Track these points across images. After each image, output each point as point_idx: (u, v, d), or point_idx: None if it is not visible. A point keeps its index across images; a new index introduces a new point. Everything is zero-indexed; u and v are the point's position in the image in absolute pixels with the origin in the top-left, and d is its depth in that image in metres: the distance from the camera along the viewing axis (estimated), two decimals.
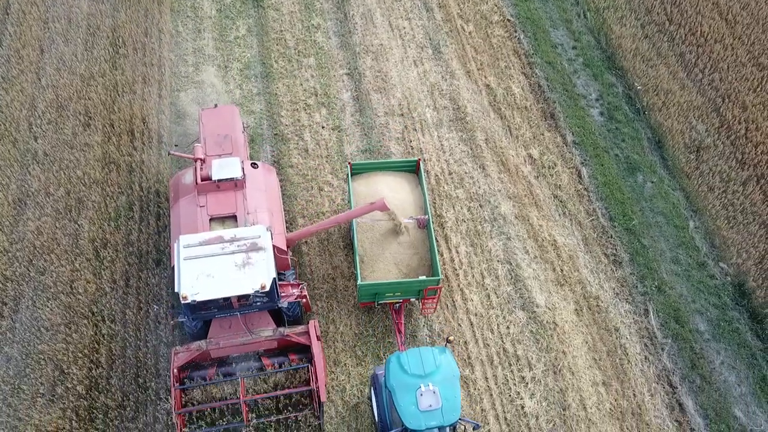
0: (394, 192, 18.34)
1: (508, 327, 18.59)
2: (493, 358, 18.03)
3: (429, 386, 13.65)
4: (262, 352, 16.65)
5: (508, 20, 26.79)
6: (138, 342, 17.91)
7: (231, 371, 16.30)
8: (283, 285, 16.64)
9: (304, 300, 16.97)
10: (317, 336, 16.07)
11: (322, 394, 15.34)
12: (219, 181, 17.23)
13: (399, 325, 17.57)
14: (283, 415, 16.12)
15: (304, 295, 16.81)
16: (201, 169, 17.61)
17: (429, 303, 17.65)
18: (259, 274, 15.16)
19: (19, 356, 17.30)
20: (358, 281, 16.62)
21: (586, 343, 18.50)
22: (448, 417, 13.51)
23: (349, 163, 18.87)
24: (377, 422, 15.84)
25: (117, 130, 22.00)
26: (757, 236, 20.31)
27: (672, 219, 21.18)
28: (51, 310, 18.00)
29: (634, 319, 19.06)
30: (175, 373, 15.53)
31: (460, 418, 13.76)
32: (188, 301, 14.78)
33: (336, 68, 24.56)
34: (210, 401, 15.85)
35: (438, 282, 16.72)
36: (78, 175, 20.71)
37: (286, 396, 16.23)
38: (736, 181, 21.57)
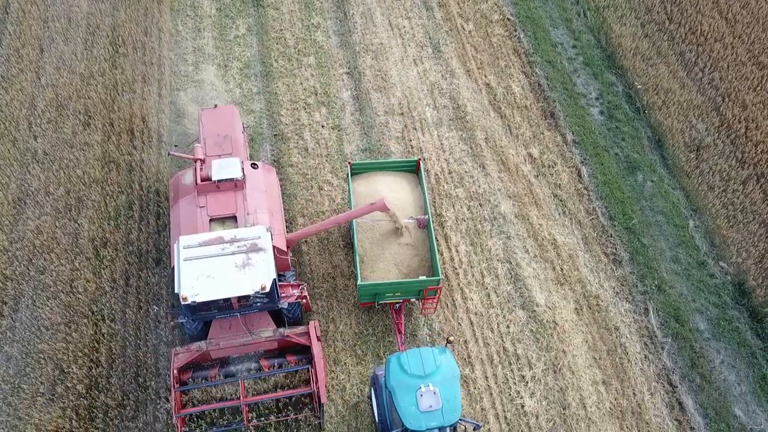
0: (394, 192, 18.32)
1: (508, 326, 18.59)
2: (493, 357, 18.04)
3: (429, 387, 13.65)
4: (262, 353, 16.66)
5: (508, 19, 26.78)
6: (138, 341, 17.92)
7: (231, 372, 16.29)
8: (283, 286, 16.63)
9: (305, 301, 16.97)
10: (317, 336, 16.06)
11: (322, 394, 15.33)
12: (219, 181, 17.22)
13: (399, 325, 17.58)
14: (283, 414, 16.11)
15: (304, 296, 16.80)
16: (201, 170, 17.59)
17: (429, 303, 17.65)
18: (260, 275, 15.15)
19: (19, 355, 17.31)
20: (359, 281, 16.60)
21: (586, 342, 18.51)
22: (449, 417, 13.52)
23: (349, 163, 18.86)
24: (377, 423, 15.83)
25: (117, 129, 21.99)
26: (757, 235, 20.31)
27: (672, 218, 21.18)
28: (51, 309, 18.00)
29: (634, 318, 19.06)
30: (175, 374, 15.51)
31: (460, 419, 13.77)
32: (188, 302, 14.77)
33: (336, 67, 24.55)
34: (210, 402, 15.85)
35: (438, 282, 16.71)
36: (78, 174, 20.70)
37: (286, 396, 16.25)
38: (736, 180, 21.57)
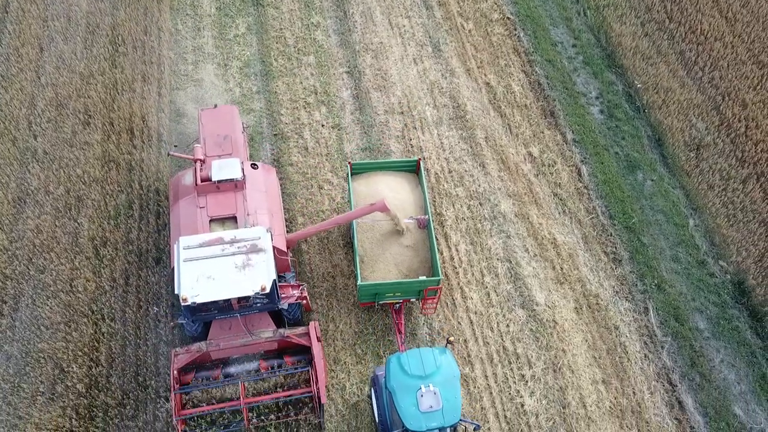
0: (394, 192, 18.30)
1: (507, 325, 18.59)
2: (493, 356, 18.04)
3: (429, 387, 13.64)
4: (262, 354, 16.65)
5: (508, 18, 26.77)
6: (138, 340, 17.92)
7: (232, 372, 16.27)
8: (283, 286, 16.60)
9: (305, 301, 16.94)
10: (317, 337, 16.03)
11: (322, 395, 15.30)
12: (219, 181, 17.17)
13: (399, 326, 17.55)
14: (283, 413, 16.12)
15: (304, 297, 16.77)
16: (201, 170, 17.55)
17: (429, 303, 17.62)
18: (260, 276, 15.11)
19: (18, 354, 17.31)
20: (359, 281, 16.57)
21: (586, 341, 18.51)
22: (449, 418, 13.51)
23: (350, 163, 18.82)
24: (377, 423, 15.81)
25: (116, 129, 21.98)
26: (756, 234, 20.31)
27: (672, 217, 21.18)
28: (51, 308, 18.00)
29: (633, 317, 19.06)
30: (175, 375, 15.48)
31: (460, 419, 13.76)
32: (188, 303, 14.73)
33: (336, 66, 24.54)
34: (210, 402, 15.84)
35: (438, 282, 16.69)
36: (77, 174, 20.69)
37: (286, 397, 16.24)
38: (735, 179, 21.57)
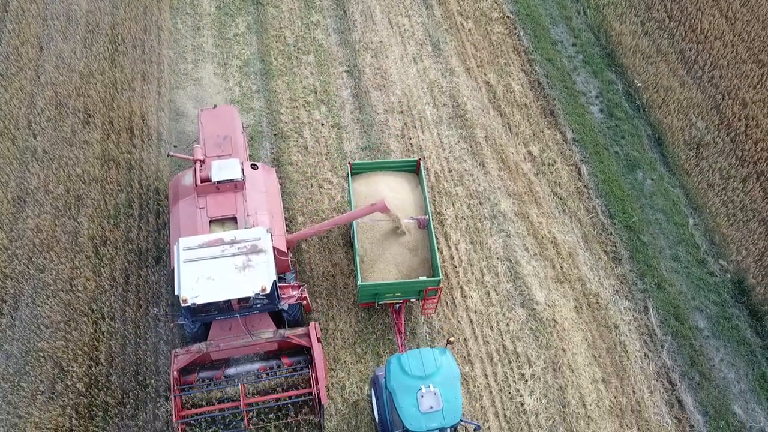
0: (394, 192, 18.28)
1: (507, 324, 18.59)
2: (493, 355, 18.04)
3: (430, 387, 13.63)
4: (263, 354, 16.63)
5: (508, 17, 26.76)
6: (138, 339, 17.92)
7: (233, 373, 16.25)
8: (283, 287, 16.56)
9: (305, 302, 16.90)
10: (318, 338, 16.00)
11: (322, 396, 15.28)
12: (219, 182, 17.12)
13: (399, 326, 17.51)
14: (283, 413, 16.12)
15: (304, 297, 16.71)
16: (200, 171, 17.51)
17: (429, 303, 17.60)
18: (260, 277, 15.07)
19: (18, 354, 17.30)
20: (359, 282, 16.53)
21: (586, 340, 18.51)
22: (449, 418, 13.49)
23: (350, 163, 18.80)
24: (377, 423, 15.78)
25: (116, 128, 21.97)
26: (756, 233, 20.31)
27: (672, 216, 21.18)
28: (51, 307, 17.99)
29: (633, 316, 19.07)
30: (175, 376, 15.45)
31: (461, 420, 13.75)
32: (188, 304, 14.69)
33: (335, 65, 24.52)
34: (210, 402, 15.84)
35: (438, 282, 16.65)
36: (77, 173, 20.68)
37: (286, 397, 16.24)
38: (735, 178, 21.56)
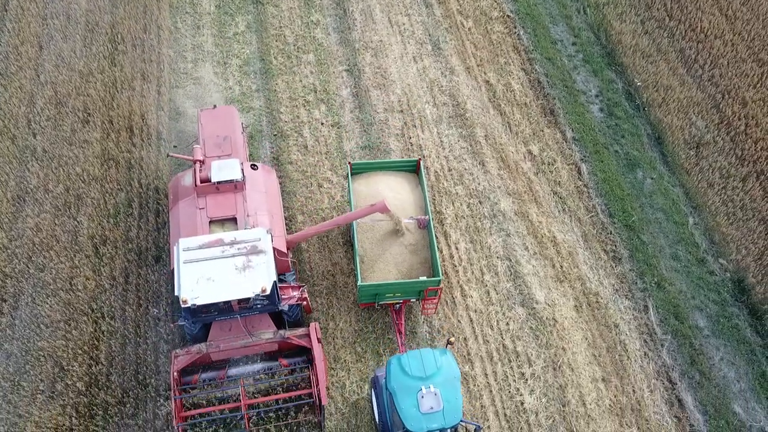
0: (394, 192, 18.26)
1: (507, 323, 18.59)
2: (493, 354, 18.04)
3: (430, 388, 13.61)
4: (263, 355, 16.62)
5: (508, 16, 26.75)
6: (138, 339, 17.91)
7: (233, 373, 16.26)
8: (283, 287, 16.52)
9: (305, 303, 16.87)
10: (318, 338, 15.99)
11: (323, 396, 15.27)
12: (218, 183, 17.09)
13: (399, 326, 17.47)
14: (282, 410, 16.13)
15: (304, 298, 16.66)
16: (200, 171, 17.48)
17: (429, 303, 17.57)
18: (260, 278, 15.05)
19: (18, 353, 17.30)
20: (359, 282, 16.50)
21: (586, 339, 18.51)
22: (450, 419, 13.49)
23: (350, 163, 18.77)
24: (378, 424, 15.77)
25: (116, 127, 21.96)
26: (756, 232, 20.30)
27: (671, 215, 21.18)
28: (50, 306, 17.99)
29: (633, 315, 19.06)
30: (176, 377, 15.43)
31: (461, 420, 13.74)
32: (188, 305, 14.66)
33: (335, 65, 24.51)
34: (211, 402, 15.84)
35: (438, 283, 16.62)
36: (77, 172, 20.67)
37: (286, 390, 16.25)
38: (735, 177, 21.56)
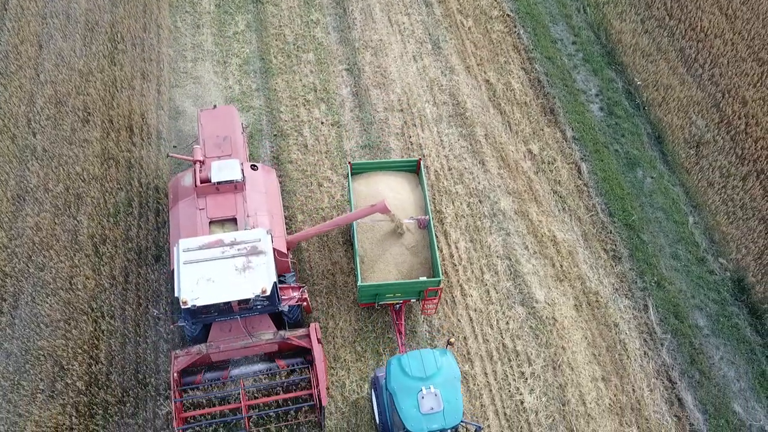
0: (394, 192, 18.24)
1: (507, 322, 18.59)
2: (493, 353, 18.04)
3: (430, 389, 13.60)
4: (263, 356, 16.62)
5: (508, 15, 26.73)
6: (138, 338, 17.91)
7: (237, 374, 16.26)
8: (283, 288, 16.48)
9: (305, 303, 16.84)
10: (318, 339, 15.98)
11: (323, 397, 15.26)
12: (218, 183, 17.06)
13: (399, 326, 17.45)
14: (283, 410, 16.13)
15: (304, 298, 16.63)
16: (200, 171, 17.45)
17: (429, 304, 17.55)
18: (260, 278, 15.01)
19: (18, 352, 17.30)
20: (359, 282, 16.47)
21: (586, 338, 18.51)
22: (450, 419, 13.47)
23: (350, 163, 18.74)
24: (378, 424, 15.76)
25: (116, 126, 21.95)
26: (756, 232, 20.30)
27: (671, 214, 21.17)
28: (50, 306, 17.98)
29: (633, 314, 19.06)
30: (176, 377, 15.42)
31: (461, 421, 13.73)
32: (188, 306, 14.63)
33: (335, 64, 24.50)
34: (211, 403, 15.84)
35: (438, 283, 16.60)
36: (77, 171, 20.67)
37: (286, 391, 16.25)
38: (735, 176, 21.56)
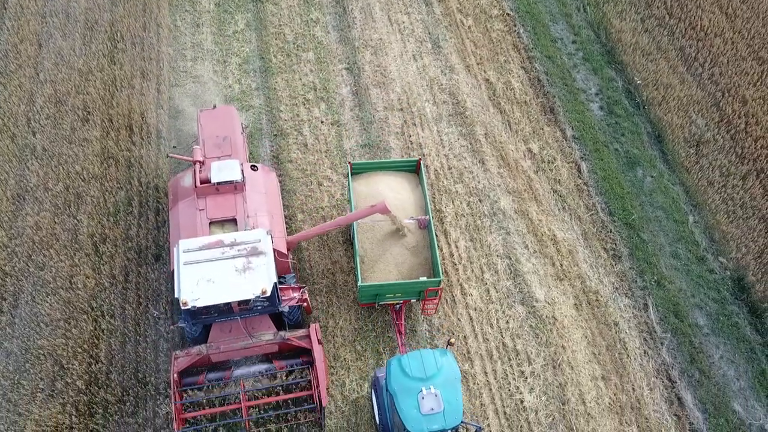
0: (394, 192, 18.21)
1: (507, 322, 18.60)
2: (493, 352, 18.05)
3: (430, 389, 13.60)
4: (263, 356, 16.62)
5: (508, 14, 26.72)
6: (138, 337, 17.91)
7: (240, 375, 16.26)
8: (283, 289, 16.46)
9: (305, 304, 16.83)
10: (318, 339, 15.97)
11: (323, 398, 15.26)
12: (218, 183, 17.03)
13: (399, 327, 17.43)
14: (283, 410, 16.13)
15: (305, 299, 16.61)
16: (200, 172, 17.42)
17: (430, 304, 17.54)
18: (260, 279, 15.00)
19: (18, 351, 17.30)
20: (359, 282, 16.44)
21: (586, 337, 18.52)
22: (450, 420, 13.45)
23: (350, 163, 18.71)
24: (378, 425, 15.75)
25: (115, 125, 21.94)
26: (756, 231, 20.31)
27: (671, 213, 21.17)
28: (50, 305, 17.99)
29: (633, 313, 19.07)
30: (176, 378, 15.43)
31: (462, 421, 13.73)
32: (188, 307, 14.62)
33: (335, 63, 24.49)
34: (212, 402, 15.85)
35: (439, 283, 16.57)
36: (77, 170, 20.66)
37: (286, 391, 16.26)
38: (735, 175, 21.56)
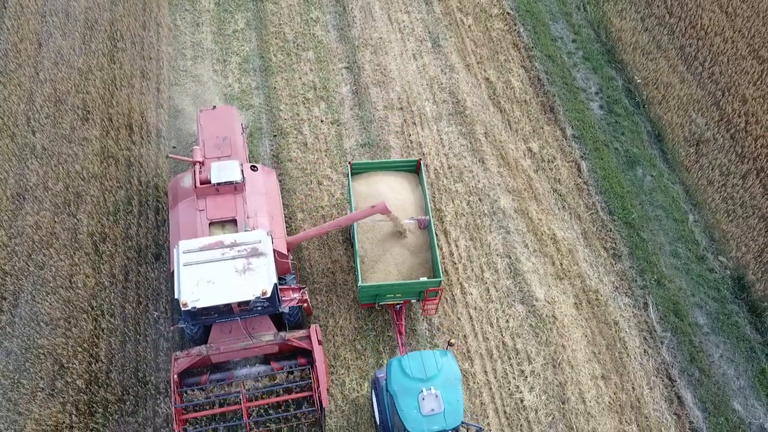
0: (394, 192, 18.20)
1: (507, 321, 18.60)
2: (493, 351, 18.05)
3: (431, 390, 13.60)
4: (263, 357, 16.62)
5: (508, 13, 26.70)
6: (137, 336, 17.92)
7: (242, 375, 16.26)
8: (284, 289, 16.45)
9: (305, 304, 16.82)
10: (319, 340, 15.96)
11: (324, 398, 15.25)
12: (218, 184, 17.01)
13: (400, 327, 17.42)
14: (282, 409, 16.13)
15: (305, 300, 16.59)
16: (200, 173, 17.40)
17: (430, 304, 17.52)
18: (260, 280, 14.99)
19: (18, 351, 17.31)
20: (359, 282, 16.42)
21: (586, 336, 18.52)
22: (451, 421, 13.45)
23: (350, 163, 18.69)
24: (378, 425, 15.76)
25: (115, 125, 21.94)
26: (756, 230, 20.30)
27: (671, 212, 21.17)
28: (50, 304, 17.99)
29: (633, 312, 19.07)
30: (176, 379, 15.42)
31: (462, 422, 13.74)
32: (188, 308, 14.61)
33: (335, 62, 24.48)
34: (212, 402, 15.87)
35: (439, 284, 16.56)
36: (76, 170, 20.66)
37: (287, 392, 16.26)
38: (735, 174, 21.55)
